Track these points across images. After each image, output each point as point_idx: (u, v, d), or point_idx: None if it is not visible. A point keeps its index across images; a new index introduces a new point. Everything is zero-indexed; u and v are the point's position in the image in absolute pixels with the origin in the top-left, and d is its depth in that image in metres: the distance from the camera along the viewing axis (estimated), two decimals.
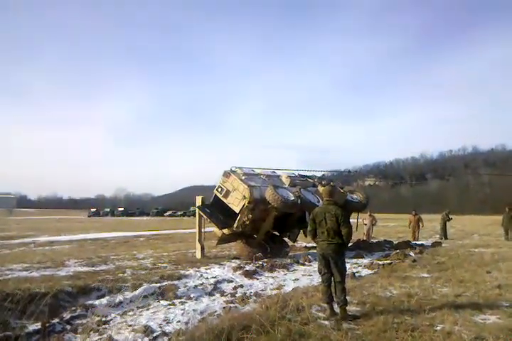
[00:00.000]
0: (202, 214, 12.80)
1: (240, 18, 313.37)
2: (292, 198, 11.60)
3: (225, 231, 12.26)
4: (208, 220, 12.69)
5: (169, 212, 78.06)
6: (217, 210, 12.79)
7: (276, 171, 14.51)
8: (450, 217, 21.46)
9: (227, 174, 12.38)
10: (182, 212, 75.53)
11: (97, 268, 10.10)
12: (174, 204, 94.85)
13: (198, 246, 12.67)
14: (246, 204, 11.62)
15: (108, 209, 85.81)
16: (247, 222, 11.82)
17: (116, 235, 24.06)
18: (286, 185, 13.21)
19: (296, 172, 14.92)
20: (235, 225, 11.86)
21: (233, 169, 12.67)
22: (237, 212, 11.88)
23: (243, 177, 12.26)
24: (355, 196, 14.88)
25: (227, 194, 12.22)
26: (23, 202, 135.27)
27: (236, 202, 11.95)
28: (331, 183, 14.54)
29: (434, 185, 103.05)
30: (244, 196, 11.66)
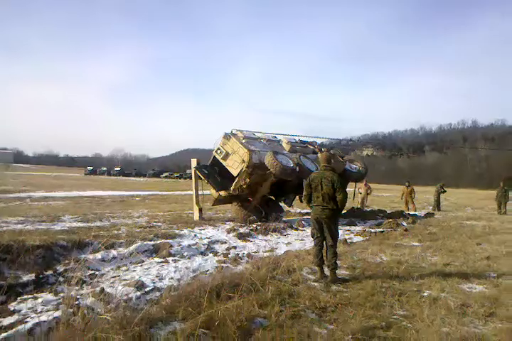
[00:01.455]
0: (199, 174, 12.78)
1: None
2: (291, 165, 11.55)
3: (222, 193, 12.28)
4: (205, 182, 12.69)
5: (166, 174, 78.15)
6: (215, 172, 12.78)
7: (277, 136, 14.40)
8: (444, 189, 21.58)
9: (227, 136, 12.27)
10: (179, 174, 75.69)
11: (92, 225, 10.19)
12: (171, 167, 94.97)
13: (196, 208, 12.71)
14: (244, 168, 11.60)
15: (105, 169, 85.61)
16: (244, 186, 11.83)
17: (112, 193, 24.15)
18: (286, 151, 13.13)
19: (297, 138, 14.82)
20: (232, 188, 11.88)
21: (234, 132, 12.55)
22: (235, 175, 11.87)
23: (243, 141, 12.16)
24: (354, 165, 14.86)
25: (226, 156, 12.16)
26: (19, 157, 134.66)
27: (235, 165, 11.92)
28: (331, 151, 14.50)
29: (432, 158, 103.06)
30: (244, 160, 11.63)
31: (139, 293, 5.03)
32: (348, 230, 11.54)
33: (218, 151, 12.37)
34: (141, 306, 4.37)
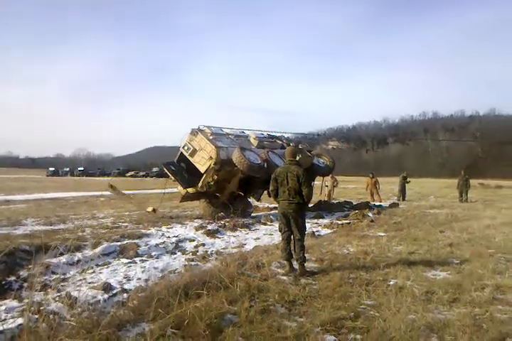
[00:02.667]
0: (166, 171, 12.61)
1: None
2: (259, 162, 11.54)
3: (189, 190, 12.16)
4: (172, 179, 12.54)
5: (131, 173, 76.84)
6: (183, 169, 12.64)
7: (245, 131, 14.34)
8: (408, 179, 22.08)
9: (194, 132, 12.11)
10: (144, 173, 74.59)
11: (56, 227, 9.93)
12: (136, 165, 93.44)
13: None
14: (212, 164, 11.50)
15: (67, 169, 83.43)
16: (212, 183, 11.73)
17: (75, 195, 23.56)
18: (255, 147, 13.10)
19: (266, 133, 14.81)
20: (200, 185, 11.75)
21: (201, 128, 12.41)
22: (203, 172, 11.76)
23: (211, 137, 12.05)
24: (321, 160, 15.03)
25: (193, 153, 12.01)
26: None
27: (202, 161, 11.80)
28: (299, 145, 14.59)
29: (395, 149, 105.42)
30: (211, 156, 11.52)
31: (106, 296, 4.93)
32: (316, 223, 11.66)
33: (185, 147, 12.20)
34: (109, 309, 4.28)
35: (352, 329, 3.76)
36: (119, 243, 7.80)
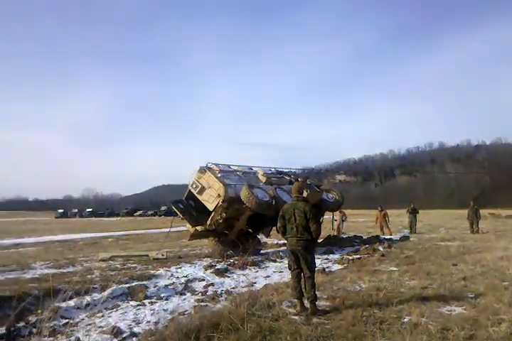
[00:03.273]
0: (175, 209, 12.60)
1: (208, 19, 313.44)
2: (267, 199, 11.49)
3: (198, 228, 12.11)
4: (181, 217, 12.51)
5: (139, 212, 76.83)
6: (191, 206, 12.63)
7: (252, 168, 14.39)
8: (417, 210, 21.80)
9: (202, 170, 12.13)
10: (153, 212, 74.57)
11: (64, 270, 9.88)
12: (144, 204, 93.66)
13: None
14: (220, 202, 11.43)
15: (76, 210, 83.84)
16: (221, 221, 11.67)
17: (84, 236, 23.57)
18: (263, 183, 13.12)
19: (273, 169, 14.86)
20: (208, 223, 11.69)
21: (209, 165, 12.45)
22: (211, 210, 11.71)
23: (219, 175, 12.06)
24: (330, 195, 14.86)
25: (201, 191, 11.99)
26: None
27: (210, 199, 11.75)
28: (307, 180, 14.60)
29: (403, 181, 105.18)
30: (219, 194, 11.47)
31: (115, 340, 4.87)
32: (326, 259, 11.52)
33: (194, 186, 12.19)
34: None
35: None
36: (127, 285, 7.71)
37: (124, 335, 5.06)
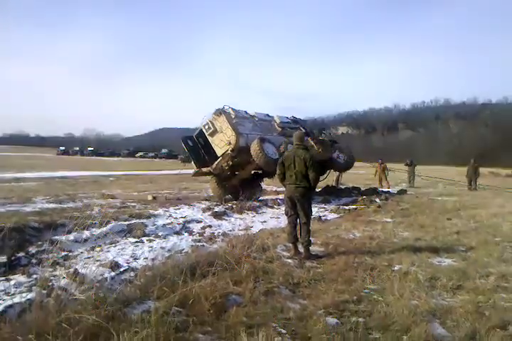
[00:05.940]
0: (183, 146, 12.51)
1: None
2: (276, 156, 11.06)
3: (203, 169, 12.14)
4: (187, 154, 12.43)
5: (140, 153, 77.16)
6: (200, 145, 12.49)
7: (269, 115, 14.01)
8: (414, 163, 21.89)
9: (218, 113, 11.84)
10: (154, 154, 74.89)
11: (65, 206, 10.04)
12: (145, 146, 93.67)
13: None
14: (229, 150, 11.34)
15: (77, 149, 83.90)
16: (226, 167, 11.64)
17: (85, 174, 23.78)
18: (276, 134, 12.89)
19: (291, 116, 14.55)
20: (213, 167, 11.66)
21: (225, 109, 12.18)
22: (219, 155, 11.65)
23: (234, 121, 11.81)
24: (341, 155, 14.25)
25: (213, 133, 11.84)
26: None
27: (220, 144, 11.63)
28: (322, 134, 14.36)
29: (405, 136, 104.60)
30: (230, 142, 11.33)
31: (113, 274, 5.00)
32: (323, 207, 11.67)
33: (206, 126, 11.99)
34: (116, 286, 4.35)
35: (354, 313, 3.80)
36: (127, 222, 7.87)
37: (121, 269, 5.19)
